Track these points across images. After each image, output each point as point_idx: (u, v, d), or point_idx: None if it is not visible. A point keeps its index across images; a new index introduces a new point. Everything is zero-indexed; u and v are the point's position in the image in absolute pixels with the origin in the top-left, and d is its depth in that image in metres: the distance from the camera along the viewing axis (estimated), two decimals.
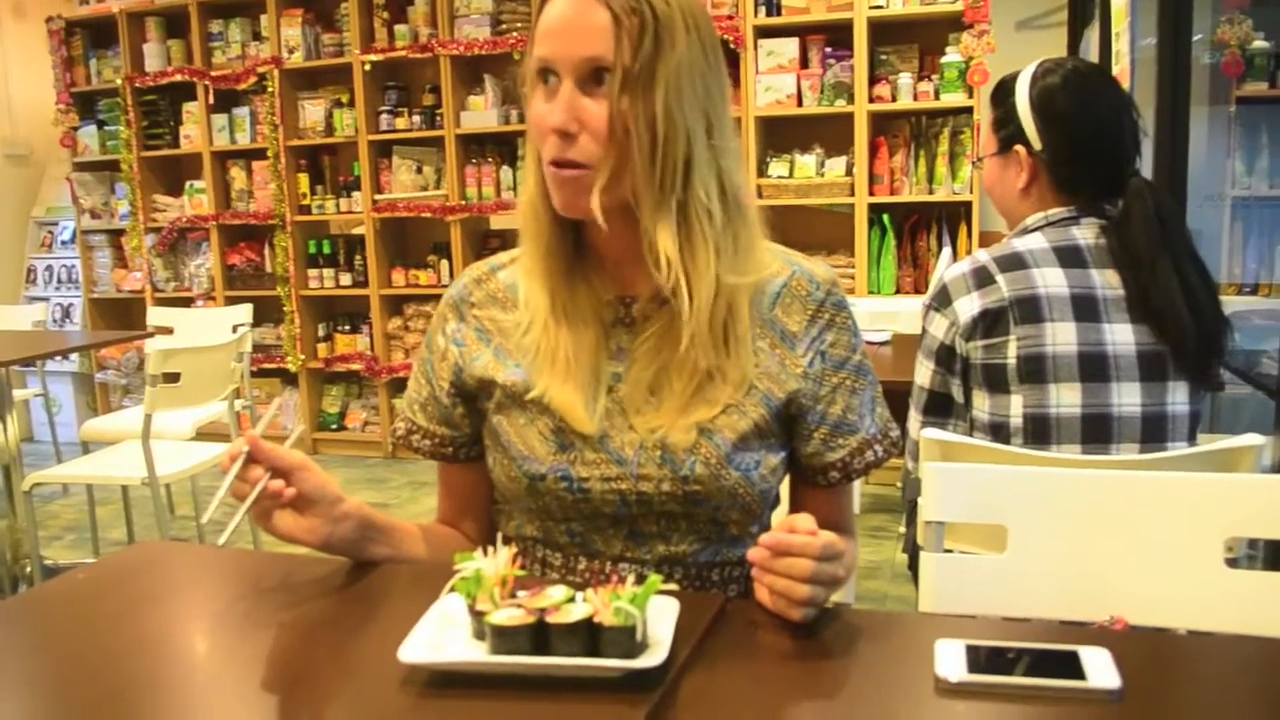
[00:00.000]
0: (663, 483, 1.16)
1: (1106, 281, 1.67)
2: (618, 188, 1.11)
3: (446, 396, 1.28)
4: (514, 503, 1.25)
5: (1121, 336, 1.65)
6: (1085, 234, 1.71)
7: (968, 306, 1.69)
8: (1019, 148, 1.76)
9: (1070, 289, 1.66)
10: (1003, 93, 1.81)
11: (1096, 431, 1.64)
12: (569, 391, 1.16)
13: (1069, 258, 1.68)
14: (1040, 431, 1.66)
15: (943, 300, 1.73)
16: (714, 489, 1.16)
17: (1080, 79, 1.74)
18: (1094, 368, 1.64)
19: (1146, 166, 2.94)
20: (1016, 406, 1.67)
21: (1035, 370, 1.65)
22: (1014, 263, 1.69)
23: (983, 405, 1.72)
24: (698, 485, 1.16)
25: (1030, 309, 1.65)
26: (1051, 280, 1.66)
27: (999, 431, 1.70)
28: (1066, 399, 1.64)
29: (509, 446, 1.21)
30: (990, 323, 1.67)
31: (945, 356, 1.74)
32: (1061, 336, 1.64)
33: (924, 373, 1.79)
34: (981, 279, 1.70)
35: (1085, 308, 1.65)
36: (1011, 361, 1.66)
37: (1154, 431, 1.65)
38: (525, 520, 1.25)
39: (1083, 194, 1.73)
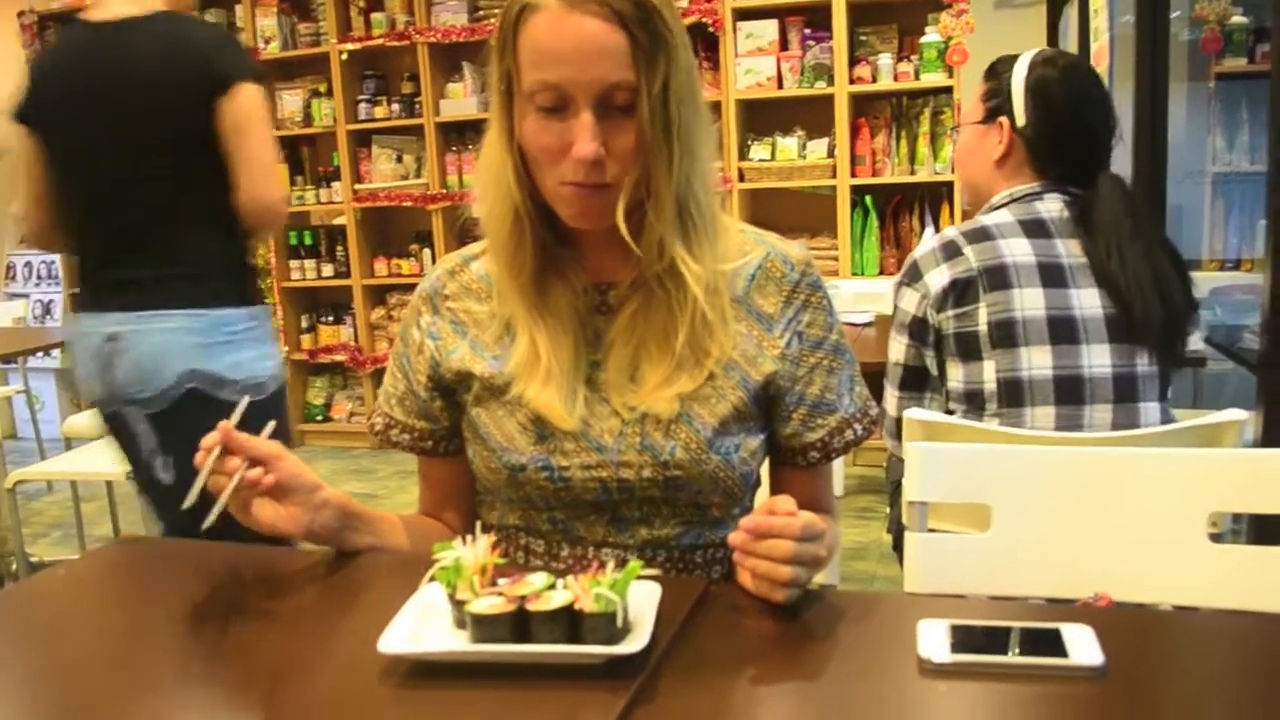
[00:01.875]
0: (643, 469, 1.16)
1: (1070, 250, 1.73)
2: (636, 196, 1.11)
3: (424, 390, 1.27)
4: (495, 493, 1.24)
5: (1088, 301, 1.70)
6: (1049, 208, 1.77)
7: (938, 278, 1.74)
8: (1003, 119, 1.81)
9: (1036, 257, 1.72)
10: (996, 69, 1.87)
11: (1069, 393, 1.68)
12: (548, 393, 1.16)
13: (1034, 229, 1.74)
14: (1014, 395, 1.70)
15: (913, 275, 1.78)
16: (695, 474, 1.16)
17: (1076, 76, 1.81)
18: (1063, 330, 1.69)
19: (1127, 143, 2.95)
20: (990, 372, 1.72)
21: (1006, 335, 1.70)
22: (981, 235, 1.75)
23: (956, 375, 1.76)
24: (678, 470, 1.16)
25: (998, 277, 1.71)
26: (1018, 250, 1.72)
27: (974, 399, 1.74)
28: (1038, 361, 1.69)
29: (488, 438, 1.21)
30: (960, 292, 1.72)
31: (918, 329, 1.79)
32: (1030, 302, 1.69)
33: (898, 348, 1.83)
34: (950, 252, 1.75)
35: (1051, 274, 1.71)
36: (982, 328, 1.71)
37: (1126, 391, 1.70)
38: (507, 509, 1.25)
39: (1050, 174, 1.79)
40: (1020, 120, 1.79)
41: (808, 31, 4.48)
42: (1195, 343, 2.32)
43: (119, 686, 0.93)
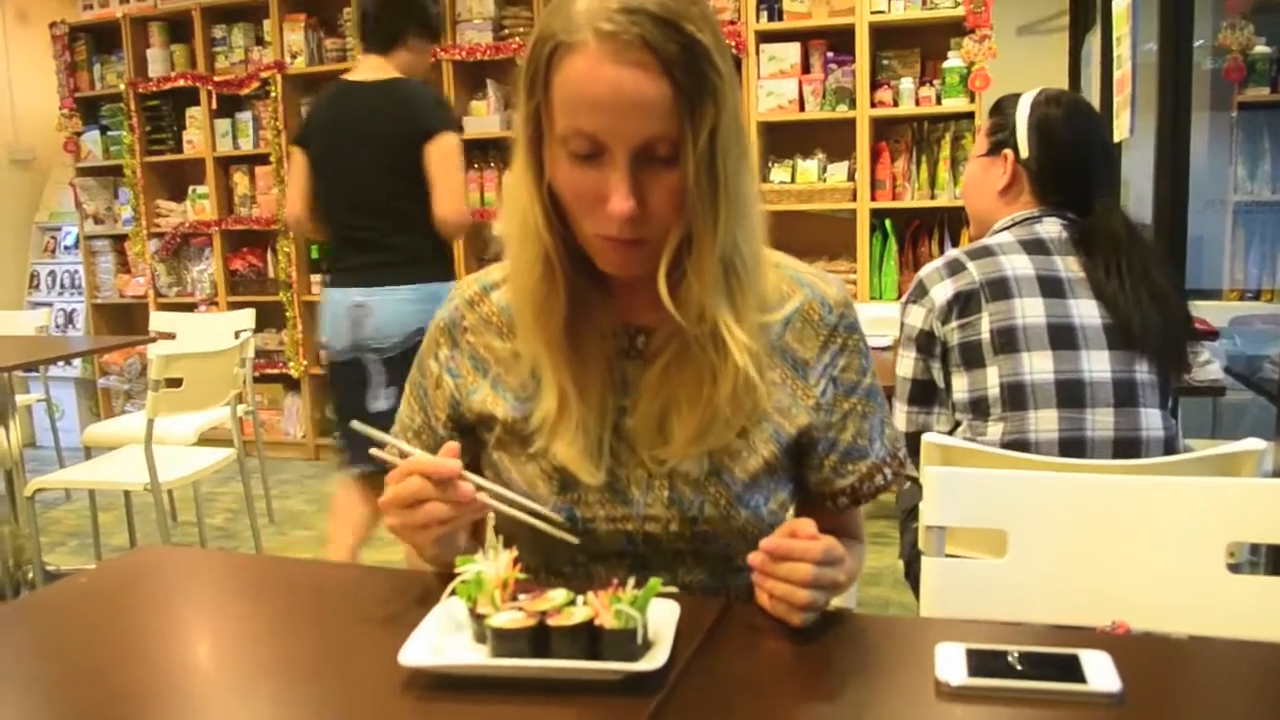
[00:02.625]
0: (671, 523, 1.13)
1: (1069, 266, 1.81)
2: (678, 247, 1.05)
3: (443, 428, 1.22)
4: (516, 534, 1.19)
5: (1087, 310, 1.77)
6: (1049, 229, 1.86)
7: (942, 292, 1.82)
8: (1007, 151, 1.91)
9: (1036, 271, 1.80)
10: (1001, 106, 1.97)
11: (1071, 396, 1.73)
12: (575, 449, 1.11)
13: (1034, 247, 1.83)
14: (1017, 399, 1.75)
15: (919, 293, 1.87)
16: (723, 529, 1.13)
17: (1079, 117, 1.90)
18: (1063, 336, 1.75)
19: (1148, 171, 2.95)
20: (993, 378, 1.77)
21: (1008, 341, 1.76)
22: (983, 252, 1.84)
23: (961, 385, 1.82)
24: (707, 525, 1.13)
25: (1000, 288, 1.79)
26: (1018, 264, 1.81)
27: (978, 406, 1.79)
28: (1039, 365, 1.75)
29: (511, 484, 1.16)
30: (963, 304, 1.80)
31: (925, 342, 1.86)
32: (1030, 310, 1.77)
33: (906, 363, 1.89)
34: (954, 268, 1.83)
35: (1051, 286, 1.79)
36: (985, 336, 1.78)
37: (1126, 396, 1.74)
38: (527, 551, 1.18)
39: (1050, 200, 1.88)
40: (1024, 153, 1.89)
41: (830, 55, 4.50)
42: (1215, 372, 2.32)
43: (138, 695, 0.94)
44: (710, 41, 0.99)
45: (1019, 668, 0.90)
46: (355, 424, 1.11)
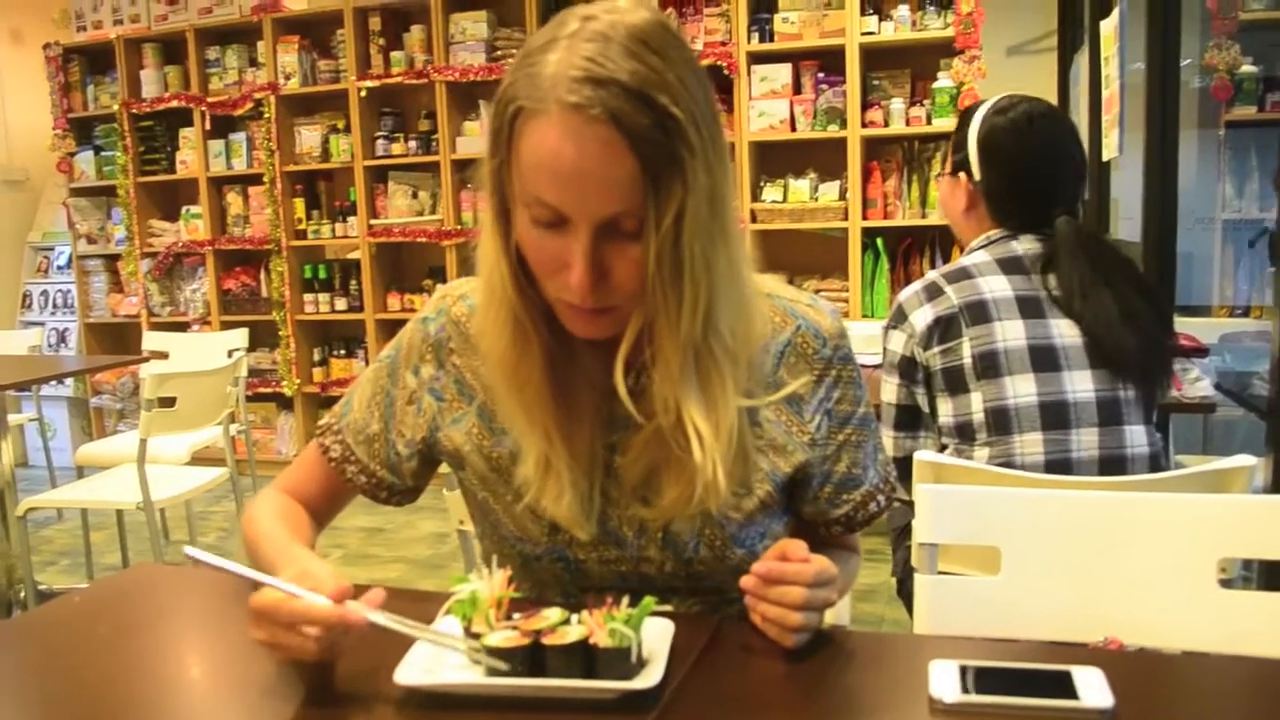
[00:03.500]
0: (665, 564, 1.12)
1: (1047, 284, 1.78)
2: (638, 341, 1.01)
3: (405, 447, 1.17)
4: (505, 565, 1.20)
5: (1068, 330, 1.76)
6: (1024, 246, 1.84)
7: (922, 317, 1.80)
8: (962, 174, 1.90)
9: (1014, 292, 1.78)
10: (963, 119, 1.94)
11: (1055, 418, 1.73)
12: (563, 505, 1.06)
13: (1010, 266, 1.81)
14: (1002, 423, 1.74)
15: (899, 318, 1.85)
16: (718, 568, 1.12)
17: (1026, 122, 1.84)
18: (1044, 358, 1.74)
19: (1137, 189, 2.97)
20: (977, 403, 1.76)
21: (990, 366, 1.75)
22: (960, 274, 1.81)
23: (946, 410, 1.81)
24: (701, 566, 1.12)
25: (979, 312, 1.77)
26: (996, 286, 1.79)
27: (964, 431, 1.79)
28: (1023, 389, 1.74)
29: (499, 525, 1.14)
30: (944, 329, 1.78)
31: (907, 368, 1.85)
32: (1011, 333, 1.75)
33: (889, 389, 1.88)
34: (932, 292, 1.82)
35: (1030, 306, 1.77)
36: (967, 361, 1.76)
37: (1110, 415, 1.74)
38: (518, 579, 1.15)
39: (1010, 224, 1.86)
40: (976, 175, 1.87)
41: (821, 75, 4.53)
42: (1205, 389, 2.33)
43: (133, 713, 0.94)
44: (684, 114, 0.92)
45: (1012, 684, 0.90)
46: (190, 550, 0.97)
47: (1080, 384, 1.73)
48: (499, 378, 1.07)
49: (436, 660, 0.94)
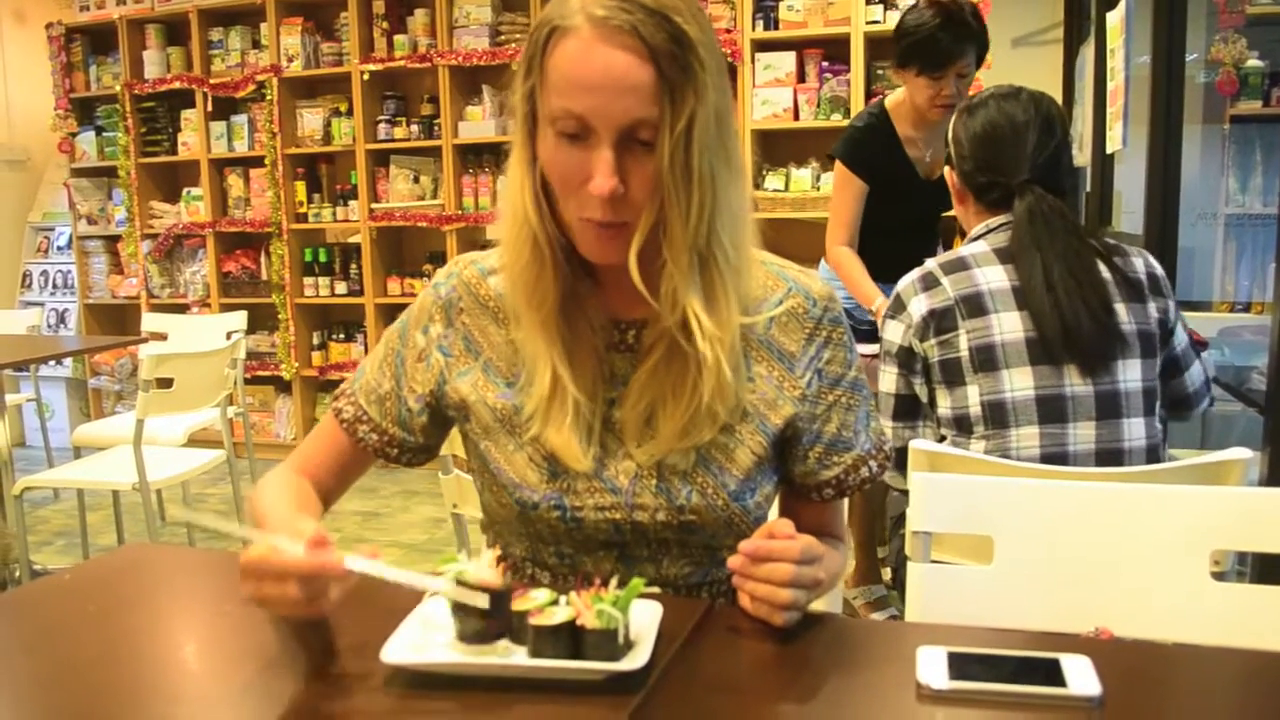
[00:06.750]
0: (658, 512, 1.14)
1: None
2: (652, 236, 1.08)
3: (415, 401, 1.23)
4: (502, 525, 1.22)
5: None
6: None
7: (918, 307, 1.81)
8: (949, 168, 1.93)
9: (1010, 283, 1.77)
10: (955, 113, 1.95)
11: (1052, 411, 1.72)
12: (566, 433, 1.12)
13: (1006, 256, 1.79)
14: (999, 417, 1.75)
15: (897, 308, 1.85)
16: (710, 519, 1.14)
17: (985, 111, 1.84)
18: (1040, 350, 1.73)
19: (1140, 183, 2.96)
20: (974, 396, 1.76)
21: (987, 359, 1.75)
22: (957, 265, 1.81)
23: (945, 402, 1.81)
24: (694, 515, 1.14)
25: (975, 304, 1.77)
26: (992, 276, 1.78)
27: (962, 424, 1.79)
28: (1019, 383, 1.73)
29: (499, 474, 1.17)
30: (940, 320, 1.78)
31: (905, 358, 1.85)
32: (1007, 325, 1.75)
33: (888, 379, 1.88)
34: (928, 283, 1.82)
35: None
36: (964, 353, 1.77)
37: (1109, 408, 1.73)
38: (513, 540, 1.23)
39: (1002, 210, 1.84)
40: (957, 167, 1.90)
41: (825, 64, 4.51)
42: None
43: (121, 691, 0.94)
44: (696, 35, 1.03)
45: (1000, 671, 0.90)
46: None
47: (1078, 376, 1.72)
48: (520, 295, 1.15)
49: (424, 639, 0.94)
